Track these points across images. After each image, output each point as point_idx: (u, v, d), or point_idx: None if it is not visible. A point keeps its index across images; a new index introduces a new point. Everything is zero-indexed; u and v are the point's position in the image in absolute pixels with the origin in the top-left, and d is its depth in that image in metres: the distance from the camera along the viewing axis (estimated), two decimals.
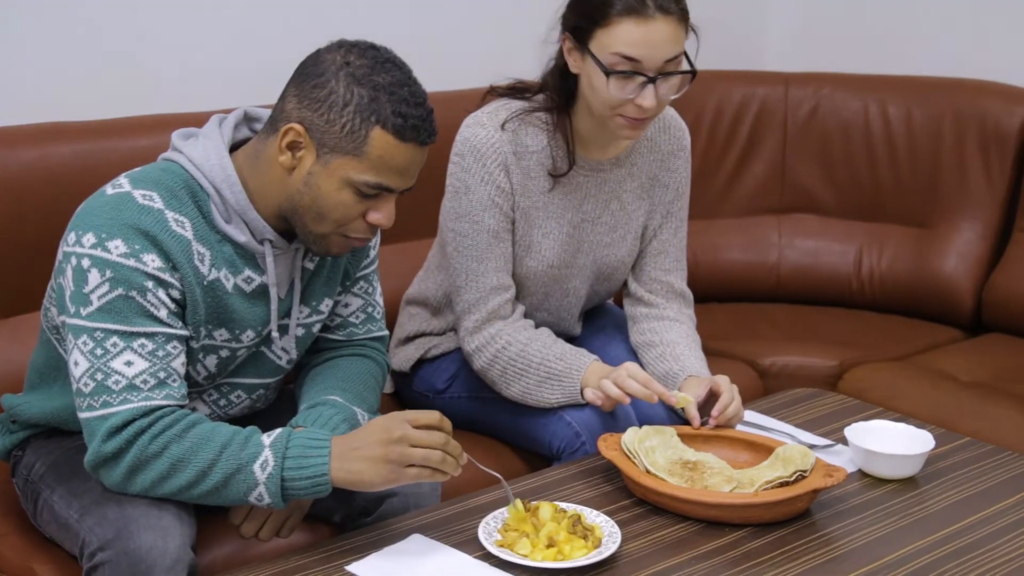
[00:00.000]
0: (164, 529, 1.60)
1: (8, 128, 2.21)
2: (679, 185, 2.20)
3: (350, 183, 1.62)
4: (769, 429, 2.04)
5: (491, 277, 2.05)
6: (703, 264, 3.11)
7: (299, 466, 1.58)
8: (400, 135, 1.60)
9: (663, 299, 2.21)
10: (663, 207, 2.19)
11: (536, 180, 2.06)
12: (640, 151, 2.15)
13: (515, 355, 2.04)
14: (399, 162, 1.62)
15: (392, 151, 1.61)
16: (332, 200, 1.63)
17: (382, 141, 1.60)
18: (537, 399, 2.05)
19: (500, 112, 2.05)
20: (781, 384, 2.64)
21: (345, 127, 1.59)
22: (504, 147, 2.02)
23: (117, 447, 1.59)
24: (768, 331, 2.92)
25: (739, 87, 3.18)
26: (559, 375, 2.02)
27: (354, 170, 1.61)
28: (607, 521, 1.67)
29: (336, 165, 1.62)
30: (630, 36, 1.88)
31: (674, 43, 1.91)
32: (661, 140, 2.17)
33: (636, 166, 2.15)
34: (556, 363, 2.02)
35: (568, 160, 2.06)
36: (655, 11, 1.88)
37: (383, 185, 1.63)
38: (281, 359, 1.83)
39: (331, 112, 1.60)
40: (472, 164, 2.02)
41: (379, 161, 1.61)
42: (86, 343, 1.60)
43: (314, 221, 1.66)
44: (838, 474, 1.74)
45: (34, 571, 1.77)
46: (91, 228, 1.60)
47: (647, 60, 1.89)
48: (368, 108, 1.59)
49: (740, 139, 3.17)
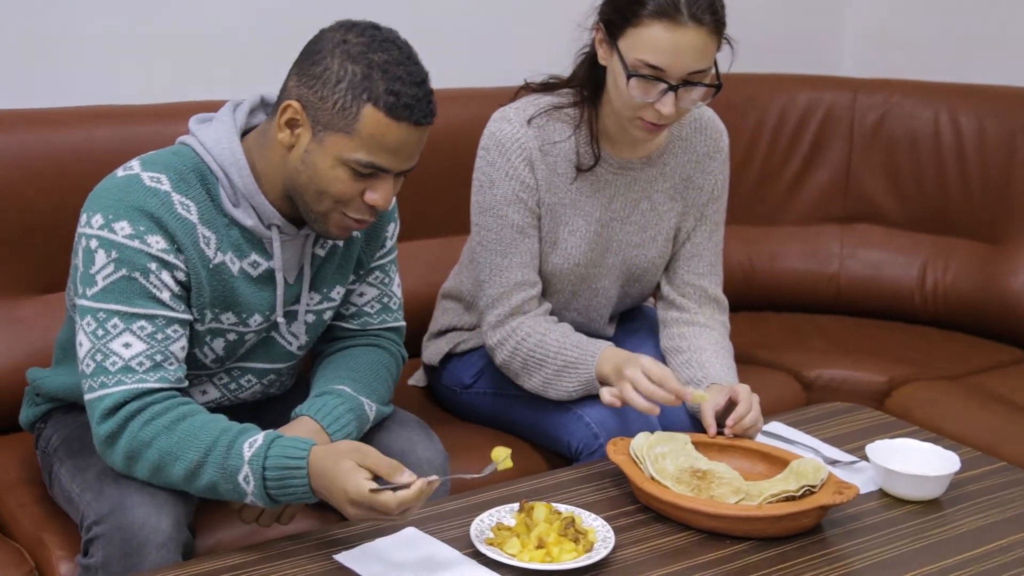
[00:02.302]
0: (158, 506, 1.62)
1: (56, 109, 2.26)
2: (714, 187, 2.15)
3: (343, 161, 1.61)
4: (793, 442, 1.98)
5: (515, 272, 2.03)
6: (759, 272, 3.05)
7: (280, 487, 1.58)
8: (392, 113, 1.58)
9: (695, 303, 2.16)
10: (696, 209, 2.14)
11: (562, 176, 2.04)
12: (673, 151, 2.10)
13: (534, 346, 2.02)
14: (391, 141, 1.60)
15: (384, 130, 1.59)
16: (327, 178, 1.62)
17: (373, 119, 1.58)
18: (556, 390, 2.02)
19: (528, 107, 2.03)
20: (826, 398, 2.57)
21: (337, 104, 1.58)
22: (529, 142, 2.00)
23: (110, 430, 1.61)
24: (820, 343, 2.85)
25: (805, 92, 3.10)
26: (575, 363, 1.98)
27: (346, 148, 1.60)
28: (603, 526, 1.64)
29: (330, 143, 1.61)
30: (658, 41, 1.84)
31: (702, 54, 1.86)
32: (697, 141, 2.12)
33: (669, 166, 2.11)
34: (572, 351, 1.99)
35: (593, 154, 2.03)
36: (687, 19, 1.83)
37: (375, 164, 1.61)
38: (291, 344, 1.84)
39: (324, 89, 1.59)
40: (496, 158, 2.01)
41: (370, 139, 1.59)
42: (89, 323, 1.62)
43: (313, 199, 1.65)
44: (848, 491, 1.68)
45: (43, 541, 1.81)
46: (99, 209, 1.63)
47: (671, 68, 1.85)
48: (360, 85, 1.57)
49: (804, 145, 3.09)
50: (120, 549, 1.60)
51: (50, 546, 1.79)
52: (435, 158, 2.54)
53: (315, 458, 1.56)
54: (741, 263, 3.04)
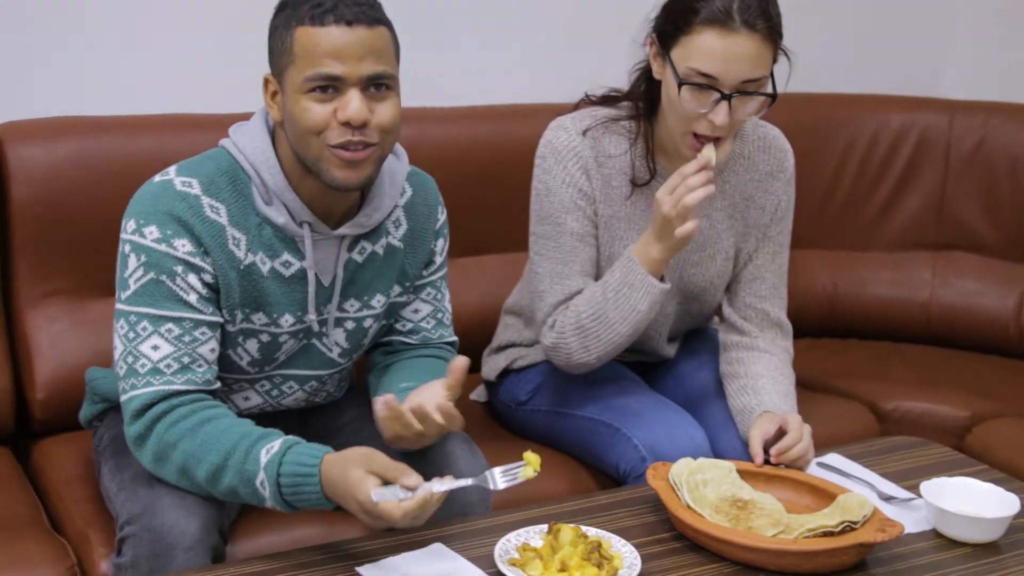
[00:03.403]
0: (187, 510, 1.63)
1: (132, 116, 2.32)
2: (777, 208, 2.09)
3: (300, 90, 1.63)
4: (848, 475, 1.90)
5: (575, 280, 2.00)
6: (844, 298, 2.96)
7: (295, 493, 1.58)
8: (316, 21, 1.61)
9: (756, 328, 2.10)
10: (758, 230, 2.08)
11: (617, 190, 2.01)
12: (734, 169, 2.05)
13: (580, 305, 1.95)
14: (326, 46, 1.61)
15: (315, 39, 1.61)
16: (298, 116, 1.63)
17: (304, 37, 1.62)
18: (625, 316, 1.91)
19: (585, 118, 2.01)
20: (901, 431, 2.46)
21: (279, 46, 1.64)
22: (584, 151, 1.98)
23: (139, 431, 1.63)
24: (902, 373, 2.74)
25: (899, 113, 3.00)
26: (619, 279, 1.90)
27: (296, 76, 1.62)
28: (631, 552, 1.60)
29: (287, 82, 1.64)
30: (710, 48, 1.80)
31: (755, 62, 1.81)
32: (759, 160, 2.07)
33: (729, 184, 2.05)
34: (611, 277, 1.92)
35: (648, 169, 1.99)
36: (740, 25, 1.79)
37: (322, 74, 1.61)
38: (331, 351, 1.84)
39: (272, 42, 1.66)
40: (553, 166, 1.99)
41: (307, 54, 1.61)
42: (123, 326, 1.66)
43: (302, 147, 1.66)
44: (892, 530, 1.60)
45: (88, 537, 1.85)
46: (133, 215, 1.67)
47: (723, 76, 1.81)
48: (289, 16, 1.64)
49: (896, 168, 2.99)
50: (149, 550, 1.62)
51: (93, 543, 1.83)
52: (500, 173, 2.55)
53: (326, 466, 1.56)
54: (826, 289, 2.95)
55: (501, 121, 2.62)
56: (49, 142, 2.20)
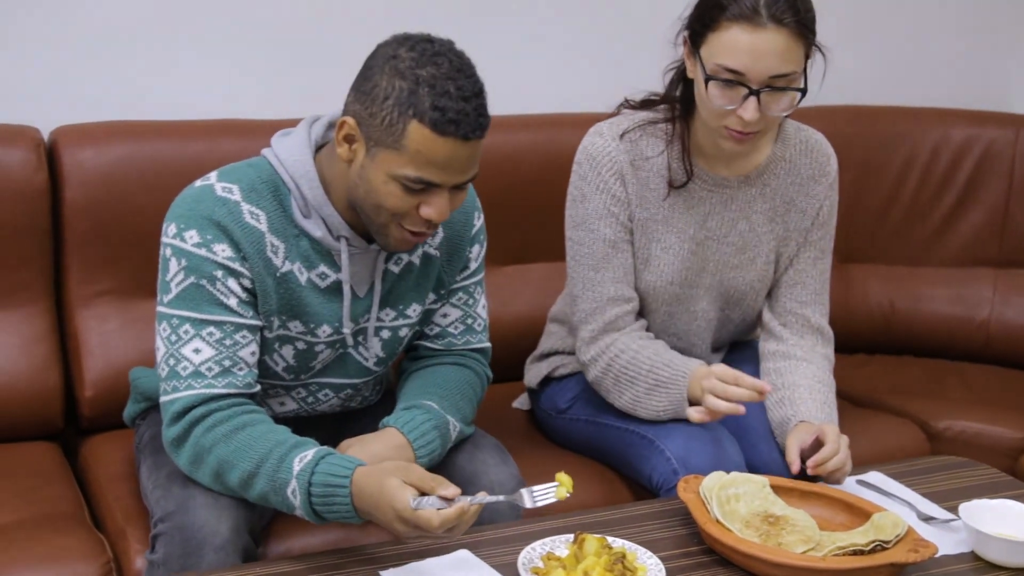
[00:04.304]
0: (219, 510, 1.65)
1: (181, 122, 2.36)
2: (819, 212, 2.06)
3: (394, 177, 1.61)
4: (888, 493, 1.87)
5: (608, 287, 2.00)
6: (901, 314, 2.90)
7: (324, 504, 1.58)
8: (437, 129, 1.57)
9: (796, 334, 2.08)
10: (799, 234, 2.06)
11: (655, 191, 2.00)
12: (775, 171, 2.03)
13: (627, 363, 1.98)
14: (438, 157, 1.59)
15: (430, 145, 1.58)
16: (381, 193, 1.63)
17: (419, 135, 1.58)
18: (646, 408, 1.98)
19: (623, 122, 2.01)
20: (953, 451, 2.42)
21: (385, 120, 1.59)
22: (620, 156, 1.98)
23: (177, 433, 1.66)
24: (957, 392, 2.68)
25: (961, 127, 2.94)
26: (666, 383, 1.94)
27: (395, 164, 1.60)
28: (656, 564, 1.58)
29: (381, 158, 1.61)
30: (736, 44, 1.79)
31: (783, 58, 1.80)
32: (801, 163, 2.04)
33: (769, 187, 2.04)
34: (664, 370, 1.95)
35: (685, 170, 1.98)
36: (767, 20, 1.78)
37: (424, 179, 1.61)
38: (367, 360, 1.85)
39: (374, 105, 1.60)
40: (588, 172, 1.99)
41: (417, 155, 1.59)
42: (165, 329, 1.68)
43: (372, 212, 1.66)
44: (925, 550, 1.57)
45: (125, 533, 1.88)
46: (174, 219, 1.69)
47: (751, 72, 1.80)
48: (406, 101, 1.57)
49: (957, 183, 2.93)
50: (180, 548, 1.64)
51: (130, 539, 1.86)
52: (547, 181, 2.54)
53: (359, 477, 1.56)
54: (881, 304, 2.90)
55: (549, 129, 2.62)
56: (101, 146, 2.24)
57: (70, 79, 2.39)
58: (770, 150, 2.02)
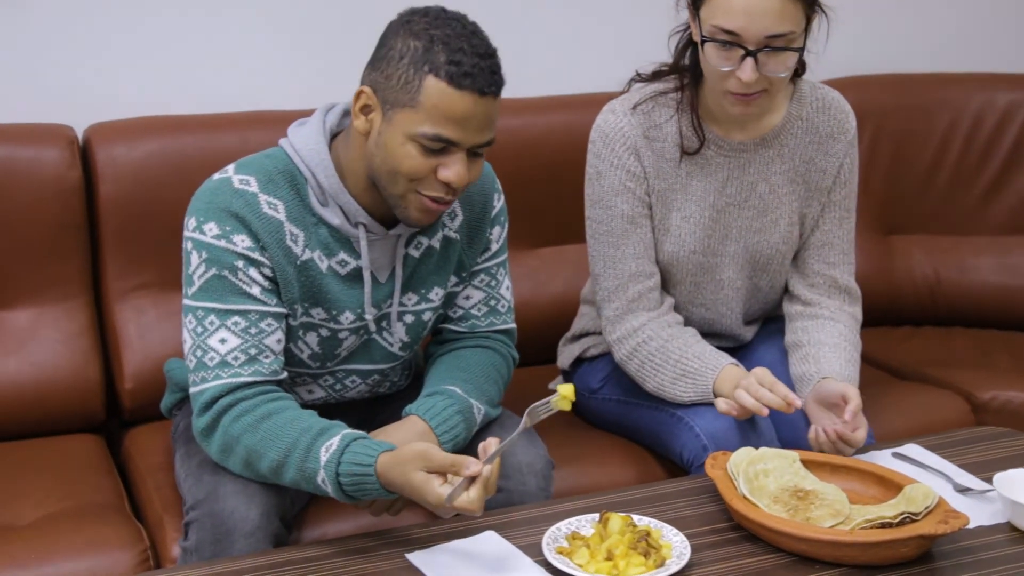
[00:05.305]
0: (249, 496, 1.67)
1: (214, 115, 2.39)
2: (840, 170, 2.04)
3: (411, 137, 1.61)
4: (924, 465, 1.84)
5: (629, 263, 2.00)
6: (946, 284, 2.85)
7: (357, 489, 1.60)
8: (453, 82, 1.57)
9: (824, 295, 2.07)
10: (821, 193, 2.04)
11: (671, 161, 1.99)
12: (792, 131, 2.01)
13: (655, 350, 1.98)
14: (456, 112, 1.59)
15: (447, 100, 1.58)
16: (398, 156, 1.63)
17: (436, 89, 1.58)
18: (671, 394, 1.98)
19: (634, 96, 2.01)
20: (999, 422, 2.37)
21: (401, 79, 1.60)
22: (632, 131, 1.97)
23: (206, 423, 1.68)
24: (1004, 362, 2.62)
25: (1005, 92, 2.87)
26: (694, 373, 1.95)
27: (412, 122, 1.60)
28: (682, 541, 1.57)
29: (398, 120, 1.62)
30: (732, 4, 1.79)
31: (779, 17, 1.78)
32: (819, 121, 2.02)
33: (787, 147, 2.02)
34: (693, 361, 1.95)
35: (697, 136, 1.97)
36: None
37: (442, 136, 1.61)
38: (392, 345, 1.86)
39: (389, 67, 1.61)
40: (602, 149, 1.99)
41: (434, 110, 1.59)
42: (190, 321, 1.70)
43: (389, 182, 1.66)
44: (956, 521, 1.54)
45: (163, 522, 1.91)
46: (194, 212, 1.70)
47: (746, 32, 1.79)
48: (422, 58, 1.58)
49: (1002, 150, 2.86)
50: (211, 534, 1.66)
51: (167, 527, 1.89)
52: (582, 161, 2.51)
53: (382, 467, 1.57)
54: (926, 275, 2.85)
55: (581, 110, 2.59)
56: (134, 142, 2.28)
57: (101, 79, 2.42)
58: (786, 110, 2.00)
